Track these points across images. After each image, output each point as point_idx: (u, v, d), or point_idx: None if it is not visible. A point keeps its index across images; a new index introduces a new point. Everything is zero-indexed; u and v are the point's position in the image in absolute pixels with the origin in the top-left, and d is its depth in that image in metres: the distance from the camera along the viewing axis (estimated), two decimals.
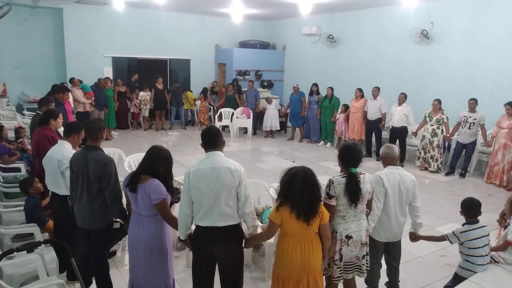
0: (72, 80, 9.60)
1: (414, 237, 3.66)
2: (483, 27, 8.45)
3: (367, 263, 3.17)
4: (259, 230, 4.03)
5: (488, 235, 3.39)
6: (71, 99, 8.86)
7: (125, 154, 6.03)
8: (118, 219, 3.61)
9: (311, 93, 10.64)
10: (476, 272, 3.32)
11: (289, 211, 2.77)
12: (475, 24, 8.59)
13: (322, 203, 2.87)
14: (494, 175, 7.37)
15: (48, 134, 4.31)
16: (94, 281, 3.54)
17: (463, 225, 3.41)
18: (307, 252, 2.83)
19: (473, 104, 7.60)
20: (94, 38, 12.00)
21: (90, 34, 11.92)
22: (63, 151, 3.69)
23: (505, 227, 3.74)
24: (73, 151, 3.64)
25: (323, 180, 3.06)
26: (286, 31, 14.05)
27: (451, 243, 3.42)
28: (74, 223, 3.42)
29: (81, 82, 9.81)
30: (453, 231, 3.39)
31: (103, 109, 10.24)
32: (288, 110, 11.45)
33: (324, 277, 3.15)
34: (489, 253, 3.40)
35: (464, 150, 7.82)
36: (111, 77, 11.58)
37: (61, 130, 4.57)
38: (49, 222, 4.15)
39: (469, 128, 7.59)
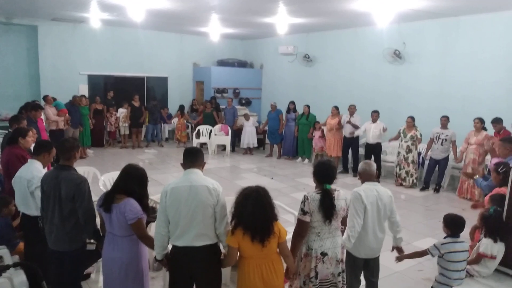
0: (45, 98, 9.43)
1: (399, 257, 3.65)
2: (454, 47, 8.80)
3: (343, 280, 3.16)
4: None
5: (467, 251, 3.45)
6: (44, 117, 8.68)
7: (100, 173, 5.90)
8: (92, 241, 3.51)
9: (288, 111, 10.77)
10: (452, 287, 3.37)
11: (242, 233, 2.75)
12: (446, 44, 8.95)
13: (277, 222, 2.84)
14: (465, 190, 7.56)
15: (18, 153, 4.19)
16: None
17: (444, 237, 3.45)
18: (269, 274, 2.80)
19: (445, 121, 7.85)
20: (70, 55, 11.87)
21: (66, 52, 11.80)
22: (33, 171, 3.60)
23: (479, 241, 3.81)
24: (44, 171, 3.54)
25: (300, 197, 3.08)
26: (264, 50, 14.26)
27: (432, 256, 3.44)
28: (46, 245, 3.30)
29: (54, 99, 9.63)
30: (434, 244, 3.41)
31: (77, 127, 10.06)
32: (266, 127, 11.53)
33: None
34: (465, 268, 3.45)
35: (438, 165, 8.02)
36: (86, 94, 11.43)
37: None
38: (20, 244, 4.00)
39: (441, 144, 7.81)
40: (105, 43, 12.31)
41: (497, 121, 7.08)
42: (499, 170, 4.17)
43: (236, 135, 11.98)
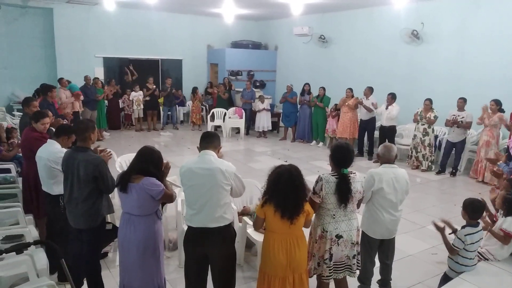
0: (60, 81, 9.52)
1: (439, 226, 3.45)
2: (472, 27, 8.54)
3: (357, 263, 3.18)
4: (249, 222, 4.02)
5: (482, 238, 3.40)
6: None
7: (117, 155, 5.98)
8: (109, 220, 3.60)
9: (302, 93, 10.67)
10: (464, 272, 3.33)
11: (273, 210, 2.81)
12: (464, 24, 8.68)
13: (307, 202, 2.90)
14: (479, 172, 7.47)
15: (37, 135, 4.26)
16: (85, 282, 3.51)
17: (463, 227, 3.36)
18: (292, 249, 2.86)
19: (461, 103, 7.68)
20: (85, 38, 11.91)
21: (81, 34, 11.83)
22: (52, 150, 3.68)
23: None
24: (63, 150, 3.61)
25: (314, 179, 3.08)
26: (278, 31, 14.07)
27: (459, 249, 3.30)
28: (67, 223, 3.40)
29: (69, 82, 9.72)
30: (457, 235, 3.33)
31: (95, 109, 10.16)
32: (281, 110, 11.47)
33: (315, 276, 3.16)
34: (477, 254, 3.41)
35: (454, 149, 7.90)
36: (102, 77, 11.53)
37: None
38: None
39: (457, 126, 7.67)
40: (119, 26, 12.31)
41: None
42: None
43: (251, 118, 11.96)
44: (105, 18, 11.95)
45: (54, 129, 4.19)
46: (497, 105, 7.16)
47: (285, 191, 2.79)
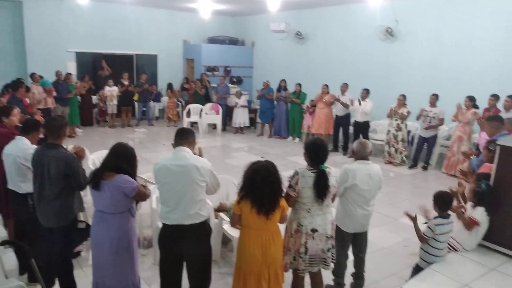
0: (32, 76, 9.24)
1: (411, 216, 3.49)
2: (447, 26, 8.76)
3: (332, 256, 3.23)
4: (226, 218, 4.05)
5: (452, 230, 3.51)
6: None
7: (90, 152, 5.85)
8: (82, 219, 3.53)
9: (279, 89, 10.71)
10: (435, 262, 3.44)
11: (250, 206, 2.83)
12: (439, 22, 8.90)
13: (283, 198, 2.93)
14: (450, 166, 7.68)
15: (4, 132, 4.12)
16: (57, 282, 3.43)
17: (435, 218, 3.45)
18: (268, 245, 2.88)
19: (434, 99, 7.89)
20: (57, 32, 11.60)
21: (53, 28, 11.51)
22: (22, 147, 3.57)
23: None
24: (33, 147, 3.51)
25: (290, 174, 3.10)
26: (255, 27, 14.06)
27: (428, 237, 3.39)
28: (36, 223, 3.31)
29: (41, 78, 9.46)
30: (427, 225, 3.41)
31: (66, 105, 9.91)
32: (258, 106, 11.48)
33: (290, 270, 3.20)
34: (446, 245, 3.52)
35: (426, 143, 8.10)
36: (74, 72, 11.26)
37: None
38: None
39: (429, 122, 7.87)
40: (93, 20, 12.02)
41: (495, 97, 7.08)
42: (489, 147, 4.27)
43: (228, 114, 11.93)
44: (78, 11, 11.66)
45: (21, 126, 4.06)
46: (471, 102, 7.36)
47: (261, 188, 2.80)
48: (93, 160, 5.37)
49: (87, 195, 4.48)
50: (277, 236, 2.96)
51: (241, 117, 11.41)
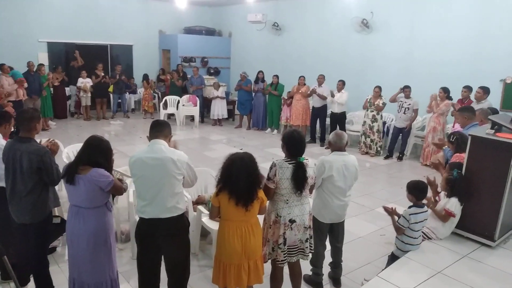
0: (2, 67, 8.90)
1: (388, 210, 3.68)
2: (422, 18, 8.89)
3: (310, 246, 3.27)
4: (204, 211, 4.02)
5: (427, 219, 3.61)
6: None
7: (64, 145, 5.72)
8: (57, 214, 3.45)
9: (256, 81, 10.70)
10: (411, 250, 3.54)
11: (227, 198, 2.83)
12: (414, 15, 9.03)
13: (261, 189, 2.94)
14: (425, 157, 7.87)
15: None
16: (32, 279, 3.36)
17: (409, 207, 3.54)
18: (247, 237, 2.90)
19: (407, 92, 8.03)
20: (27, 21, 11.18)
21: (22, 17, 11.09)
22: None
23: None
24: (3, 141, 3.39)
25: (269, 166, 3.11)
26: (232, 18, 13.93)
27: (404, 227, 3.50)
28: (8, 219, 3.21)
29: (11, 69, 9.13)
30: (402, 214, 3.51)
31: (38, 97, 9.62)
32: (236, 98, 11.44)
33: (269, 261, 3.22)
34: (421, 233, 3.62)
35: (401, 134, 8.27)
36: (46, 63, 10.90)
37: None
38: None
39: (404, 113, 8.03)
40: (65, 8, 11.65)
41: (468, 88, 7.25)
42: (451, 139, 4.42)
43: (205, 105, 11.83)
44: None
45: None
46: (445, 93, 7.53)
47: (237, 178, 2.80)
48: (67, 153, 5.25)
49: (62, 189, 4.40)
50: (256, 228, 2.97)
51: (219, 109, 11.35)
